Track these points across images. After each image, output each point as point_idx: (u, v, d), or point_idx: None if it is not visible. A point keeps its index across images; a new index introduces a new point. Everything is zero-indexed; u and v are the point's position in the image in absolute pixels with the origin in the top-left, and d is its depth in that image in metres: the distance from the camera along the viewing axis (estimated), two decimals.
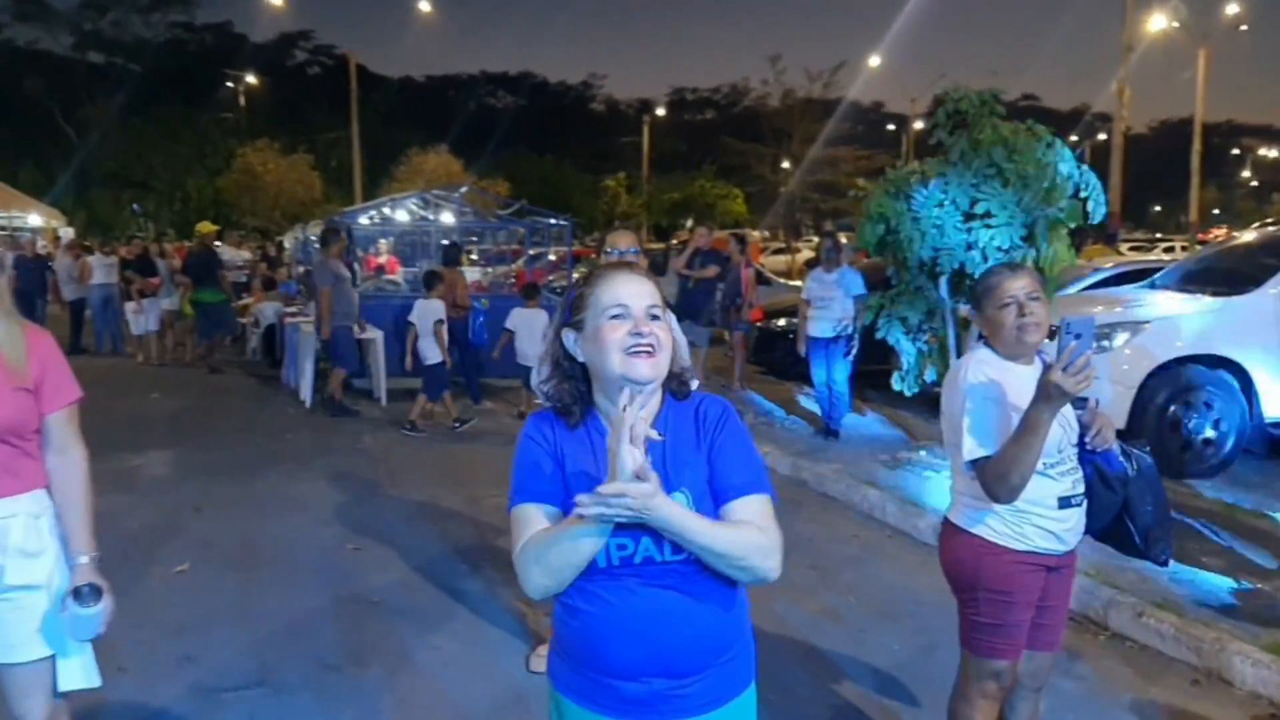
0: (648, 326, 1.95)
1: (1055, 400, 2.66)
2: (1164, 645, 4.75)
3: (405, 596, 5.34)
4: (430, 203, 14.28)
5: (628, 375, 1.93)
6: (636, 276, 2.03)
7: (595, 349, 1.97)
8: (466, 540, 6.33)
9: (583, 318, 2.01)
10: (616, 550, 1.92)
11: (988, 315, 3.00)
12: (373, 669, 4.44)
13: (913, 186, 7.75)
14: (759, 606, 5.10)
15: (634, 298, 1.98)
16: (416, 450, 9.01)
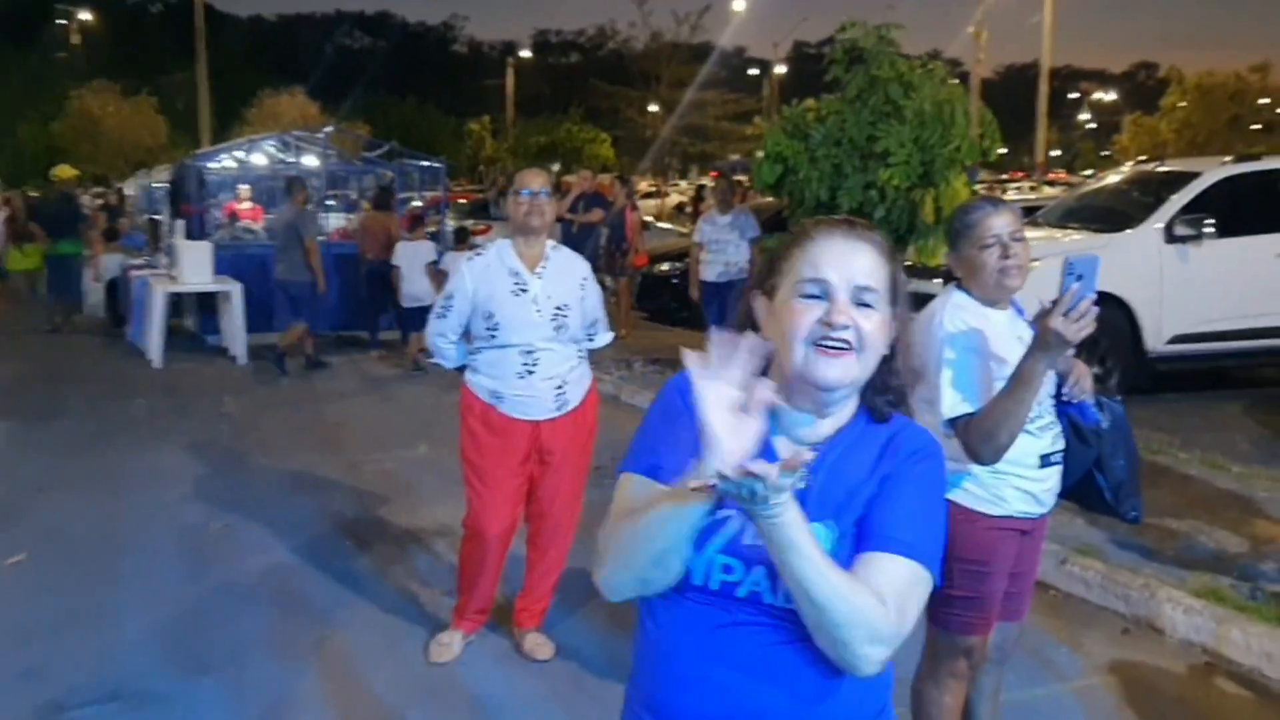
0: (849, 315, 1.46)
1: (1054, 349, 2.35)
2: (1090, 594, 4.61)
3: (284, 581, 4.80)
4: (291, 145, 13.37)
5: (808, 376, 1.46)
6: (854, 242, 1.51)
7: (777, 329, 1.50)
8: (349, 513, 5.80)
9: (774, 283, 1.54)
10: (720, 571, 1.48)
11: (965, 255, 2.66)
12: (251, 670, 3.91)
13: (810, 125, 7.47)
14: None
15: (840, 269, 1.48)
16: (286, 413, 8.37)
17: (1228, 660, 4.00)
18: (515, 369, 3.77)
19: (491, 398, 3.81)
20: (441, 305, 3.89)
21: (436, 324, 3.91)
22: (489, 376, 3.82)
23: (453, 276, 3.93)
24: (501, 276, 3.79)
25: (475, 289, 3.79)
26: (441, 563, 5.00)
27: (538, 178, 3.88)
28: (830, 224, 1.55)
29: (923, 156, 7.06)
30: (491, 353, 3.80)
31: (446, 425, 7.72)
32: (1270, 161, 8.81)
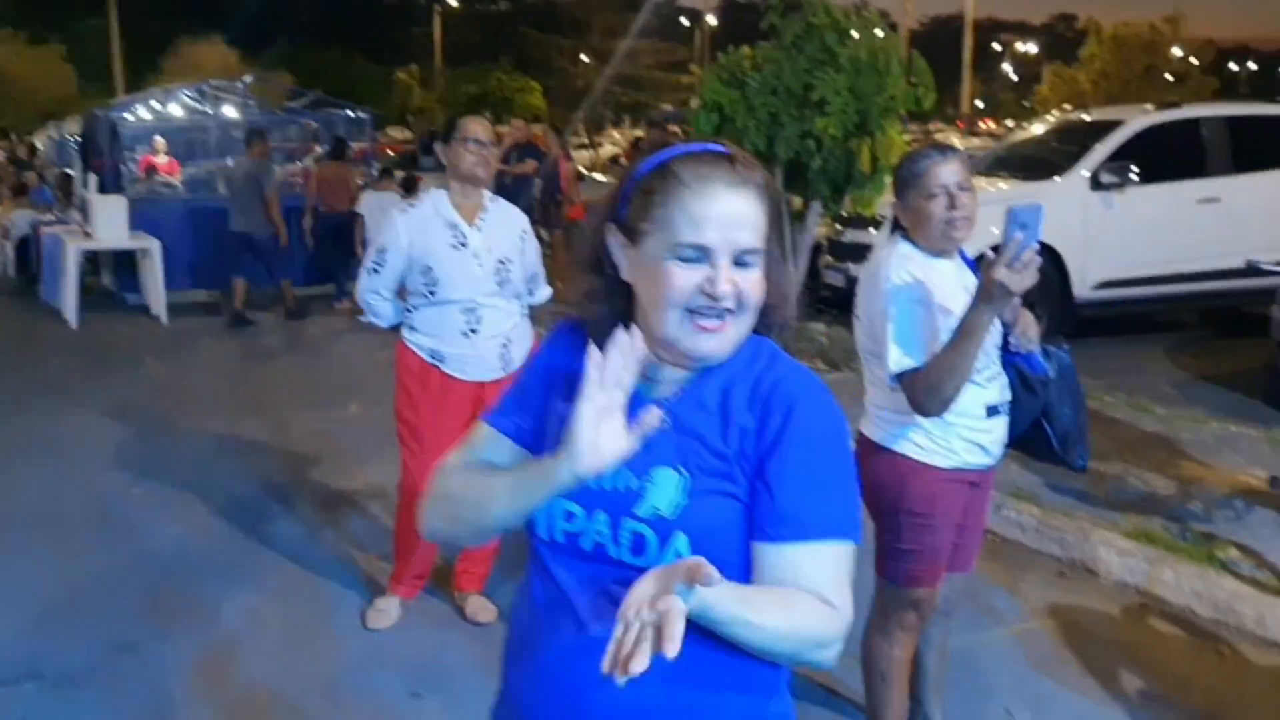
0: (730, 282, 1.29)
1: (998, 300, 2.29)
2: (1026, 538, 4.67)
3: (209, 549, 4.63)
4: (209, 95, 12.87)
5: (682, 347, 1.33)
6: (738, 191, 1.31)
7: (648, 287, 1.34)
8: (277, 475, 5.63)
9: (642, 229, 1.34)
10: (562, 519, 1.36)
11: (912, 205, 2.59)
12: (175, 643, 3.75)
13: (747, 73, 7.36)
14: None
15: (723, 230, 1.29)
16: (211, 373, 8.12)
17: (1160, 600, 4.08)
18: (458, 327, 3.62)
19: (432, 357, 3.66)
20: (374, 260, 3.67)
21: (369, 280, 3.69)
22: (429, 335, 3.65)
23: (384, 229, 3.70)
24: (438, 229, 3.61)
25: (410, 242, 3.59)
26: (375, 526, 4.87)
27: (485, 127, 3.70)
28: (710, 166, 1.31)
29: (858, 105, 7.00)
30: (431, 310, 3.63)
31: (379, 383, 7.55)
32: (1190, 109, 8.98)
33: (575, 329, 1.45)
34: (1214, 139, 8.51)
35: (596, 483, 1.28)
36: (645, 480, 1.32)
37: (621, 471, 1.29)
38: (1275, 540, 4.16)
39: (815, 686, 3.30)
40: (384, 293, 3.70)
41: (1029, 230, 2.23)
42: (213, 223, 10.80)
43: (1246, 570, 4.03)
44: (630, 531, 1.31)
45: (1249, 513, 4.60)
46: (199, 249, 10.47)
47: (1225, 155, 8.45)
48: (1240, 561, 4.11)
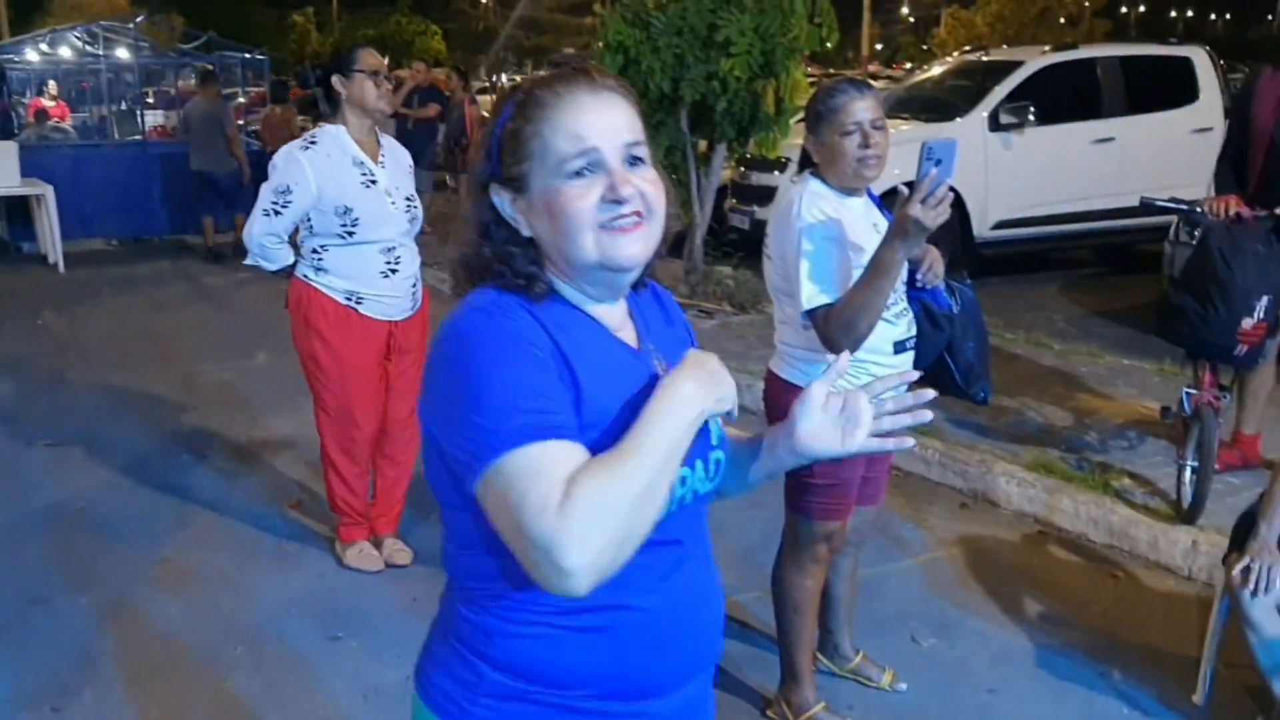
0: (630, 183, 1.24)
1: (912, 236, 2.34)
2: (930, 471, 4.82)
3: (119, 502, 4.54)
4: (99, 37, 12.32)
5: (607, 262, 1.25)
6: (605, 95, 1.26)
7: (551, 225, 1.26)
8: (185, 426, 5.54)
9: (522, 171, 1.26)
10: (679, 485, 1.28)
11: (825, 141, 2.62)
12: (89, 596, 3.69)
13: (651, 13, 7.31)
14: None
15: (605, 135, 1.23)
16: (112, 324, 7.89)
17: (1057, 528, 4.26)
18: (378, 268, 3.55)
19: (348, 299, 3.58)
20: (274, 202, 3.48)
21: (267, 223, 3.51)
22: (343, 277, 3.56)
23: (283, 168, 3.48)
24: (346, 167, 3.50)
25: (320, 183, 3.46)
26: (286, 476, 4.84)
27: (379, 58, 3.59)
28: (564, 82, 1.26)
29: (763, 46, 7.01)
30: (345, 251, 3.53)
31: (280, 333, 7.40)
32: (1086, 50, 9.18)
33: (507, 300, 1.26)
34: (1108, 80, 8.73)
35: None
36: None
37: None
38: (1166, 469, 4.34)
39: (727, 620, 3.40)
40: (282, 235, 3.57)
41: (943, 166, 2.27)
42: (108, 169, 10.48)
43: (1140, 498, 4.22)
44: (714, 461, 1.36)
45: (1141, 443, 4.81)
46: (95, 196, 10.11)
47: (1119, 96, 8.68)
48: (1134, 490, 4.30)
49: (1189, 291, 4.03)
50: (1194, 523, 3.91)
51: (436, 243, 10.65)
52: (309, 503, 4.49)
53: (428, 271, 9.34)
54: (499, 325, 1.22)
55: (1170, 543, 3.92)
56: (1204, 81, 8.82)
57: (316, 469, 4.80)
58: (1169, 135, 8.59)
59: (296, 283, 3.65)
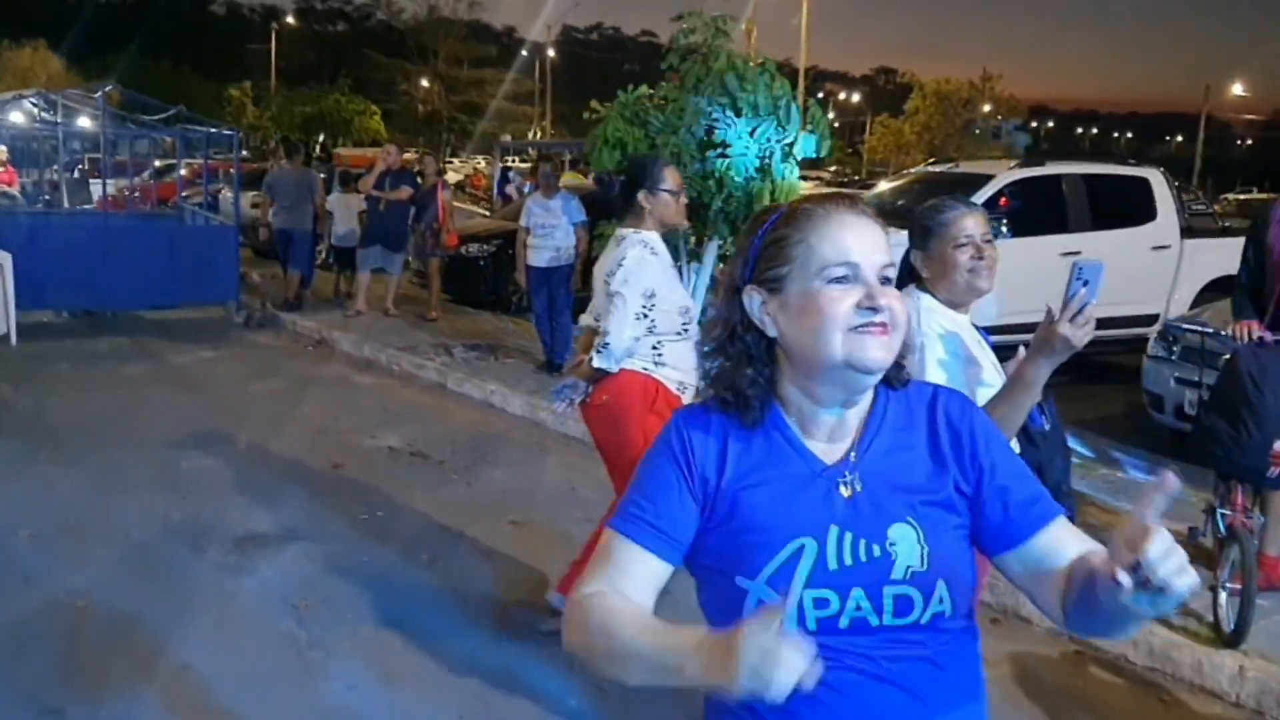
0: (884, 296, 1.36)
1: (1058, 354, 2.33)
2: None
3: (120, 598, 4.26)
4: (57, 104, 12.08)
5: (854, 361, 1.34)
6: (863, 218, 1.40)
7: (803, 323, 1.37)
8: (177, 516, 5.26)
9: (782, 274, 1.39)
10: (814, 607, 1.32)
11: (935, 255, 2.63)
12: (109, 706, 3.42)
13: (650, 112, 7.41)
14: (535, 574, 4.65)
15: (866, 252, 1.36)
16: (75, 401, 7.54)
17: (1094, 648, 4.20)
18: (693, 361, 3.70)
19: (678, 388, 3.82)
20: (643, 306, 3.71)
21: (636, 326, 3.73)
22: (677, 369, 3.81)
23: (640, 273, 3.71)
24: (670, 270, 3.83)
25: (666, 286, 3.77)
26: (293, 572, 4.62)
27: (679, 175, 3.92)
28: (831, 202, 1.42)
29: (759, 150, 7.14)
30: (679, 345, 3.79)
31: (263, 416, 7.30)
32: (1053, 167, 9.53)
33: (699, 413, 1.47)
34: (1074, 195, 9.06)
35: (843, 563, 1.33)
36: (887, 543, 1.35)
37: (859, 543, 1.34)
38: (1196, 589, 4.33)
39: None
40: (640, 335, 3.76)
41: (1090, 286, 2.29)
42: (63, 238, 10.21)
43: (1175, 619, 4.16)
44: (892, 597, 1.33)
45: None
46: (49, 266, 9.79)
47: (1084, 211, 9.00)
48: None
49: (1220, 414, 4.11)
50: (1238, 647, 3.91)
51: (404, 325, 10.60)
52: (322, 605, 4.29)
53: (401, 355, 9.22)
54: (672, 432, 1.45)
55: (1215, 667, 3.89)
56: (1161, 201, 9.24)
57: (324, 565, 4.66)
58: (1130, 251, 8.91)
59: (636, 376, 3.81)
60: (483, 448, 6.79)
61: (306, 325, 10.84)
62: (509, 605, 4.36)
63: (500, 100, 47.87)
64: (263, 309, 11.30)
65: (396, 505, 5.58)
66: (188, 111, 12.41)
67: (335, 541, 5.02)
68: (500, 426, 7.42)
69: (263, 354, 9.68)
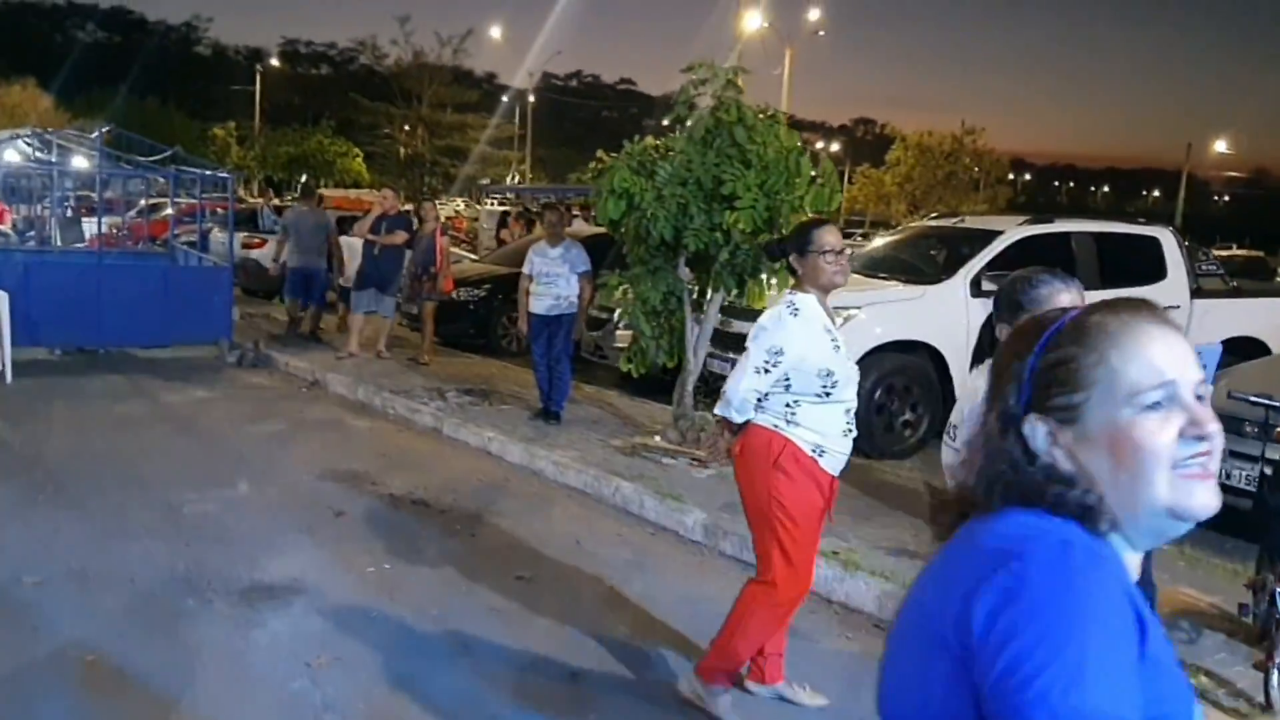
0: (1210, 421, 1.15)
1: None
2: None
3: (132, 653, 4.14)
4: (52, 143, 12.02)
5: (1181, 509, 1.15)
6: (1168, 327, 1.20)
7: (1114, 459, 1.16)
8: (181, 565, 5.15)
9: (1076, 401, 1.18)
10: None
11: None
12: None
13: (657, 163, 7.43)
14: (547, 632, 4.57)
15: (1180, 369, 1.16)
16: (75, 443, 7.40)
17: None
18: (840, 426, 3.75)
19: (814, 451, 3.73)
20: (765, 360, 3.68)
21: (755, 379, 3.70)
22: (814, 431, 3.73)
23: (773, 330, 3.71)
24: (820, 332, 3.73)
25: (806, 347, 3.69)
26: (305, 628, 4.51)
27: (837, 234, 3.83)
28: (1127, 310, 1.20)
29: (768, 202, 7.14)
30: (819, 408, 3.73)
31: (262, 460, 7.21)
32: (1062, 224, 9.54)
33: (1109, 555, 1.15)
34: (1083, 254, 9.08)
35: None
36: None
37: None
38: (1236, 666, 4.25)
39: None
40: (762, 390, 3.72)
41: (1208, 370, 2.28)
42: (58, 276, 10.13)
43: (1225, 700, 4.04)
44: None
45: (1199, 636, 4.66)
46: (43, 304, 9.70)
47: (1093, 270, 9.02)
48: (1214, 690, 4.11)
49: None
50: None
51: (397, 368, 10.53)
52: (335, 664, 4.18)
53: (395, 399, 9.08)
54: (1110, 593, 1.07)
55: None
56: (1171, 261, 9.24)
57: (334, 620, 4.56)
58: None
59: (764, 431, 3.77)
60: (484, 498, 6.71)
61: (299, 366, 10.75)
62: (524, 669, 4.27)
63: (486, 145, 48.17)
64: (255, 349, 11.19)
65: (402, 557, 5.48)
66: (184, 153, 12.39)
67: (343, 594, 4.92)
68: (499, 475, 7.34)
69: (257, 395, 9.58)
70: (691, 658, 4.38)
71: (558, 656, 4.40)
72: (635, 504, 6.58)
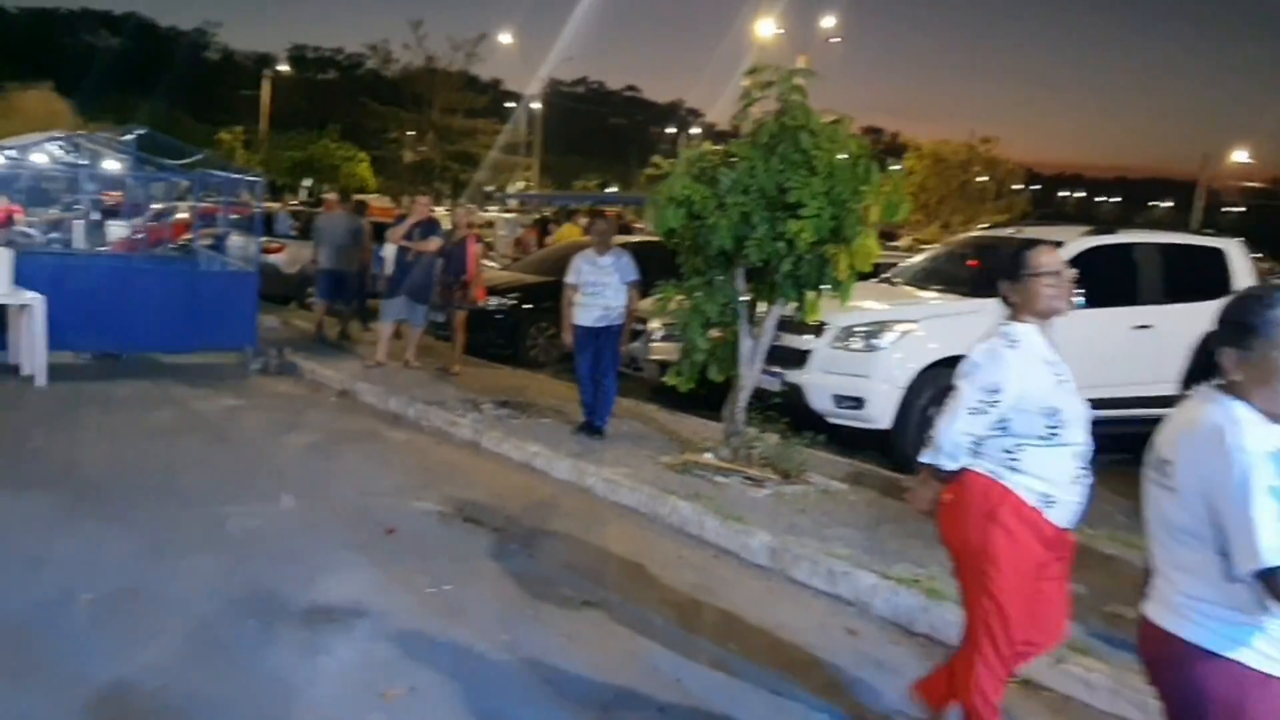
0: None
1: None
2: (1095, 697, 4.33)
3: (198, 682, 3.88)
4: (82, 147, 11.80)
5: None
6: None
7: None
8: (236, 583, 4.88)
9: None
10: None
11: (1258, 358, 2.30)
12: None
13: (719, 170, 7.16)
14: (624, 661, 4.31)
15: None
16: (110, 452, 7.14)
17: None
18: (1070, 472, 3.36)
19: (1041, 502, 3.33)
20: (981, 400, 3.31)
21: (970, 421, 3.33)
22: (1040, 479, 3.33)
23: (989, 366, 3.33)
24: (1040, 366, 3.35)
25: (1025, 384, 3.30)
26: (371, 654, 4.26)
27: (1055, 255, 3.47)
28: None
29: (834, 211, 6.87)
30: (1044, 452, 3.33)
31: (301, 472, 6.94)
32: (1125, 235, 9.18)
33: None
34: (1147, 266, 8.79)
35: None
36: None
37: None
38: None
39: None
40: (976, 434, 3.36)
41: None
42: (86, 280, 9.90)
43: None
44: None
45: None
46: (71, 308, 9.44)
47: (1156, 283, 8.73)
48: None
49: None
50: None
51: (426, 378, 10.26)
52: (410, 694, 3.93)
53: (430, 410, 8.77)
54: None
55: None
56: (1236, 273, 8.90)
57: (400, 647, 4.33)
58: (1203, 326, 8.59)
59: (980, 480, 3.40)
60: (536, 515, 6.44)
61: (326, 375, 10.49)
62: (610, 704, 4.00)
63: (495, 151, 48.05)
64: (280, 356, 10.93)
65: (461, 578, 5.23)
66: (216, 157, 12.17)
67: (405, 618, 4.66)
68: (547, 492, 7.07)
69: (286, 403, 9.32)
70: (781, 693, 4.13)
71: (642, 689, 4.16)
72: (694, 525, 6.31)
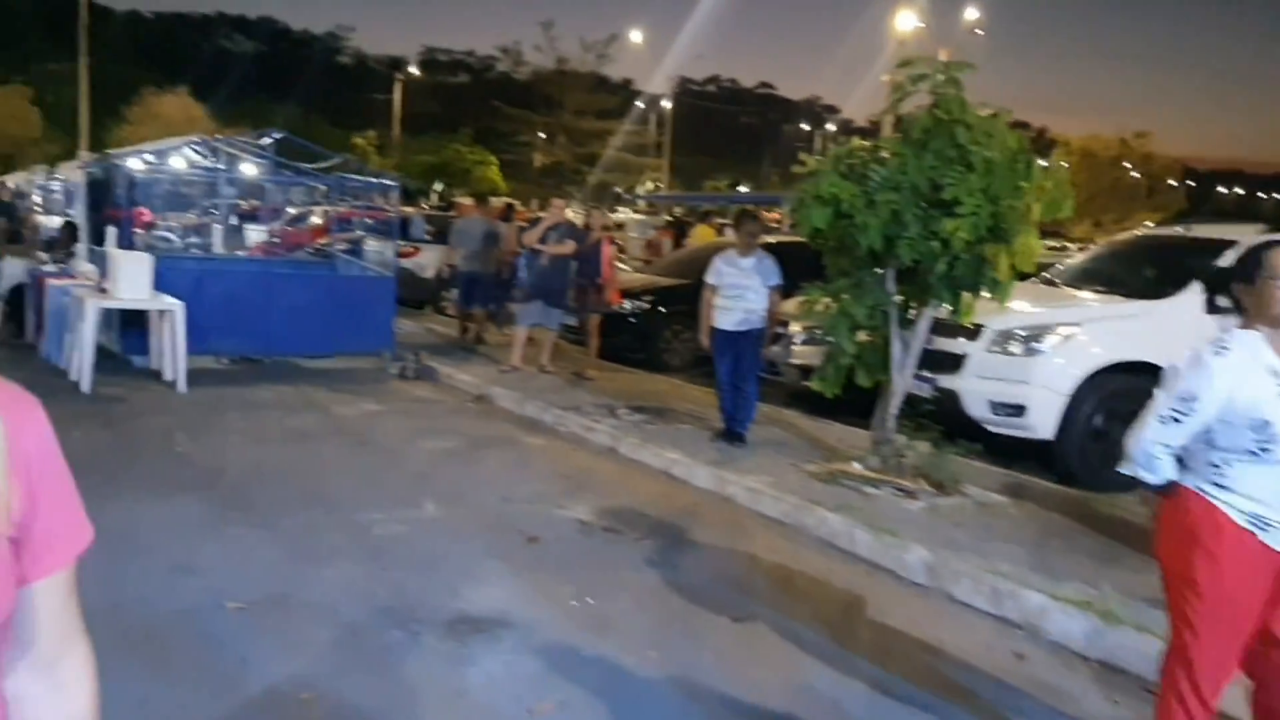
0: None
1: None
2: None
3: (348, 691, 3.80)
4: (219, 151, 12.15)
5: None
6: None
7: None
8: (381, 591, 4.83)
9: None
10: None
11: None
12: None
13: (869, 167, 6.85)
14: (778, 681, 4.07)
15: None
16: (253, 455, 7.25)
17: None
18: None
19: (1251, 522, 3.07)
20: (1174, 408, 3.09)
21: (1161, 430, 3.11)
22: (1249, 498, 3.06)
23: (1189, 374, 3.10)
24: (1261, 376, 3.06)
25: (1231, 392, 3.03)
26: (519, 667, 4.13)
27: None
28: None
29: (993, 209, 6.49)
30: (1255, 468, 3.05)
31: (442, 478, 6.90)
32: None
33: None
34: None
35: None
36: None
37: None
38: None
39: None
40: (1174, 445, 3.13)
41: None
42: (227, 284, 10.14)
43: None
44: None
45: None
46: (212, 312, 9.70)
47: None
48: None
49: None
50: None
51: (561, 383, 10.20)
52: (561, 711, 3.79)
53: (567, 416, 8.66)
54: None
55: None
56: None
57: (547, 660, 4.19)
58: None
59: (1185, 495, 3.15)
60: (677, 525, 6.26)
61: (463, 380, 10.53)
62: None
63: (624, 152, 48.22)
64: (417, 360, 11.02)
65: (605, 590, 5.07)
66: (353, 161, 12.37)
67: (551, 630, 4.53)
68: (687, 500, 6.87)
69: (426, 409, 9.36)
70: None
71: (799, 714, 3.93)
72: (844, 537, 6.03)
